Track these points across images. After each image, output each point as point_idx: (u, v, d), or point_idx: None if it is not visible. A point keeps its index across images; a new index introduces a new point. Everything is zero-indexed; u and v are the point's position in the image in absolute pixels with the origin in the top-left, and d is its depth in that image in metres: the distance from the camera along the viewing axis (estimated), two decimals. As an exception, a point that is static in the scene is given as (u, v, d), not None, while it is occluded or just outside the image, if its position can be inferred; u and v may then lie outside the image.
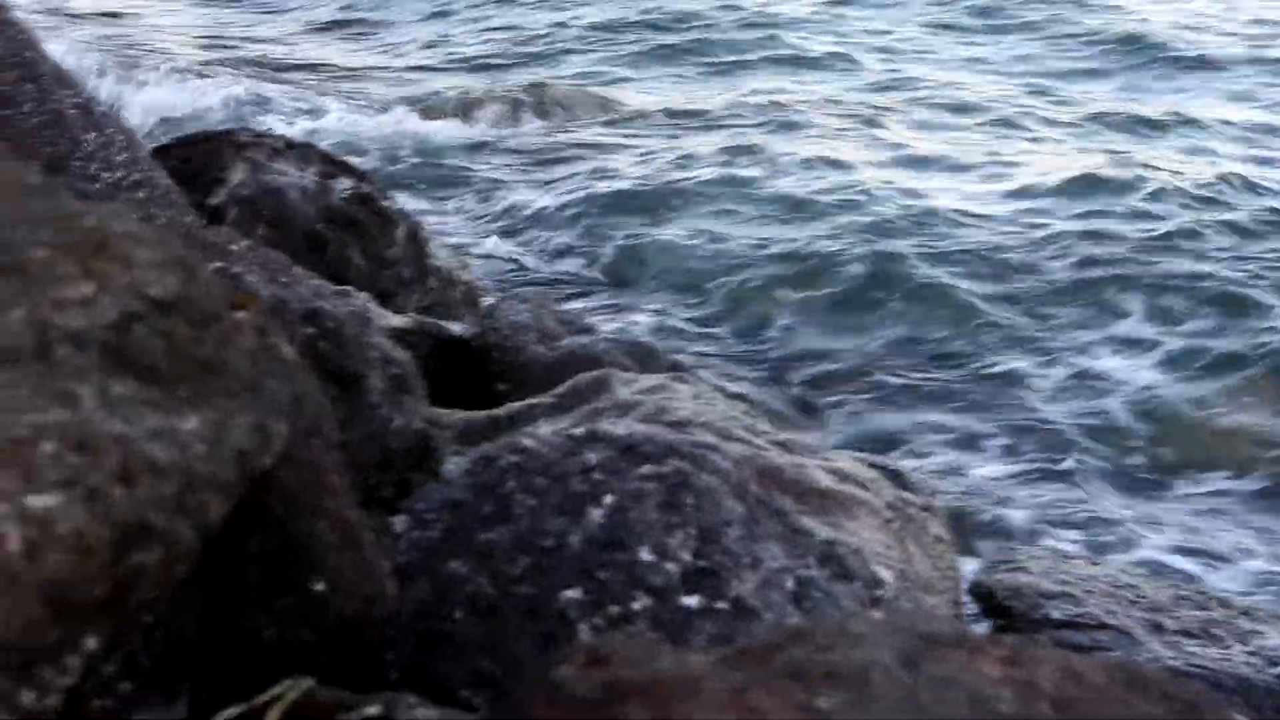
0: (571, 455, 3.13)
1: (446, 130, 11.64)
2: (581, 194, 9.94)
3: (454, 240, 8.97)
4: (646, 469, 3.10)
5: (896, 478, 5.14)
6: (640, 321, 7.54)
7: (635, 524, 2.97)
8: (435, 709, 2.43)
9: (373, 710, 2.37)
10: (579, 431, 3.25)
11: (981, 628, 4.66)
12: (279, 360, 2.09)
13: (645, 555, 2.92)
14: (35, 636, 1.66)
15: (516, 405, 4.46)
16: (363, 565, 2.35)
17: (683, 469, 3.14)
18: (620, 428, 3.56)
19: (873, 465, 4.93)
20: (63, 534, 1.63)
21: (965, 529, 5.72)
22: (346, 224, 5.98)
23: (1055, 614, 4.70)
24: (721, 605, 2.91)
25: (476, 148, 11.27)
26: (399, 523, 3.03)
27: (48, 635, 1.67)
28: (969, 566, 5.21)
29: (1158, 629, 4.64)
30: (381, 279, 5.95)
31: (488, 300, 6.39)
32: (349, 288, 5.19)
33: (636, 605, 2.86)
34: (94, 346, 1.82)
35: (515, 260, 8.91)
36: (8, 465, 1.65)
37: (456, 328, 5.46)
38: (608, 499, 3.01)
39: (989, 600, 4.95)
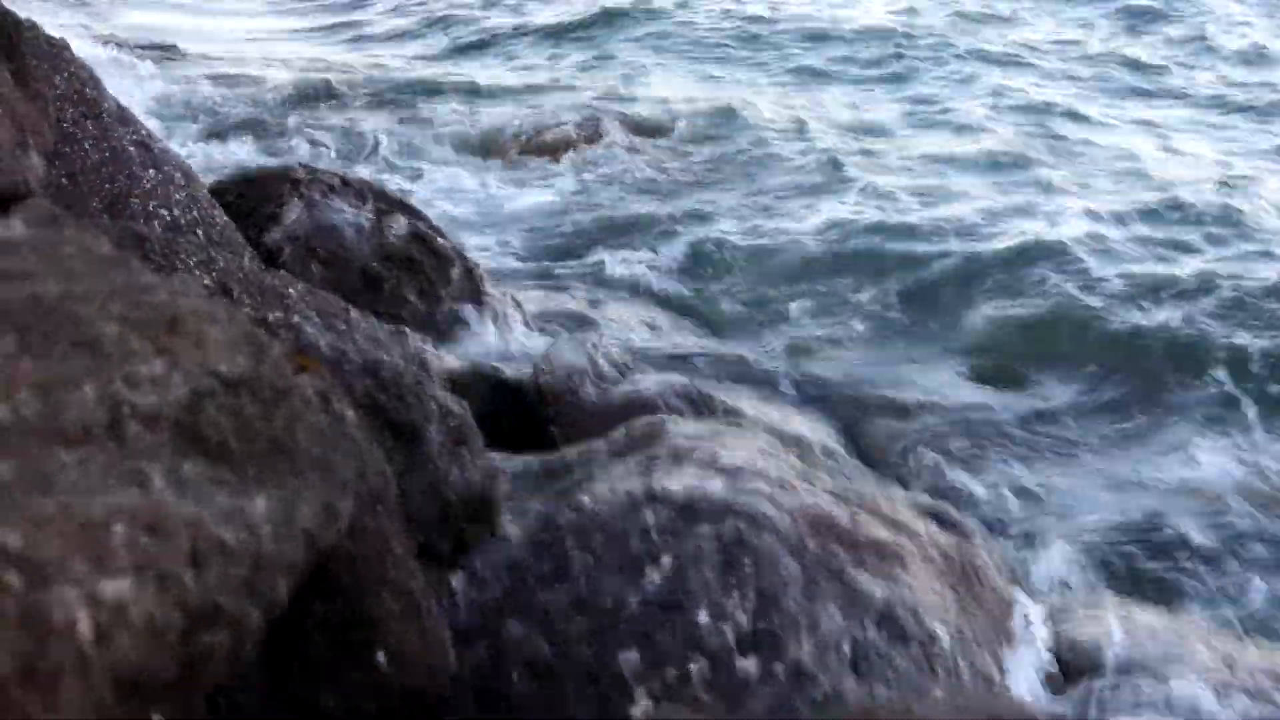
0: (630, 515, 3.13)
1: None
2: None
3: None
4: (704, 529, 3.09)
5: (954, 524, 5.13)
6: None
7: (693, 585, 2.96)
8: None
9: (431, 777, 2.37)
10: (637, 490, 3.25)
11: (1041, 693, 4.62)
12: (345, 434, 2.09)
13: (703, 617, 2.92)
14: (103, 716, 1.66)
15: (571, 451, 4.46)
16: (425, 637, 2.35)
17: (740, 529, 3.13)
18: (677, 484, 3.56)
19: (930, 512, 4.91)
20: (134, 619, 1.64)
21: (1026, 573, 5.68)
22: (402, 262, 6.00)
23: (1118, 669, 4.67)
24: (779, 669, 2.90)
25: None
26: (457, 581, 3.03)
27: (115, 715, 1.68)
28: (1029, 614, 5.18)
29: (1225, 687, 4.61)
30: (437, 318, 5.97)
31: (544, 340, 6.40)
32: (404, 328, 5.21)
33: (694, 668, 2.85)
34: (165, 425, 1.83)
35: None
36: (80, 548, 1.65)
37: (511, 371, 5.47)
38: (665, 560, 3.00)
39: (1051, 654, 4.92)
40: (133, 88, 12.71)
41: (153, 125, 10.78)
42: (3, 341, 1.87)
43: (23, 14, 4.91)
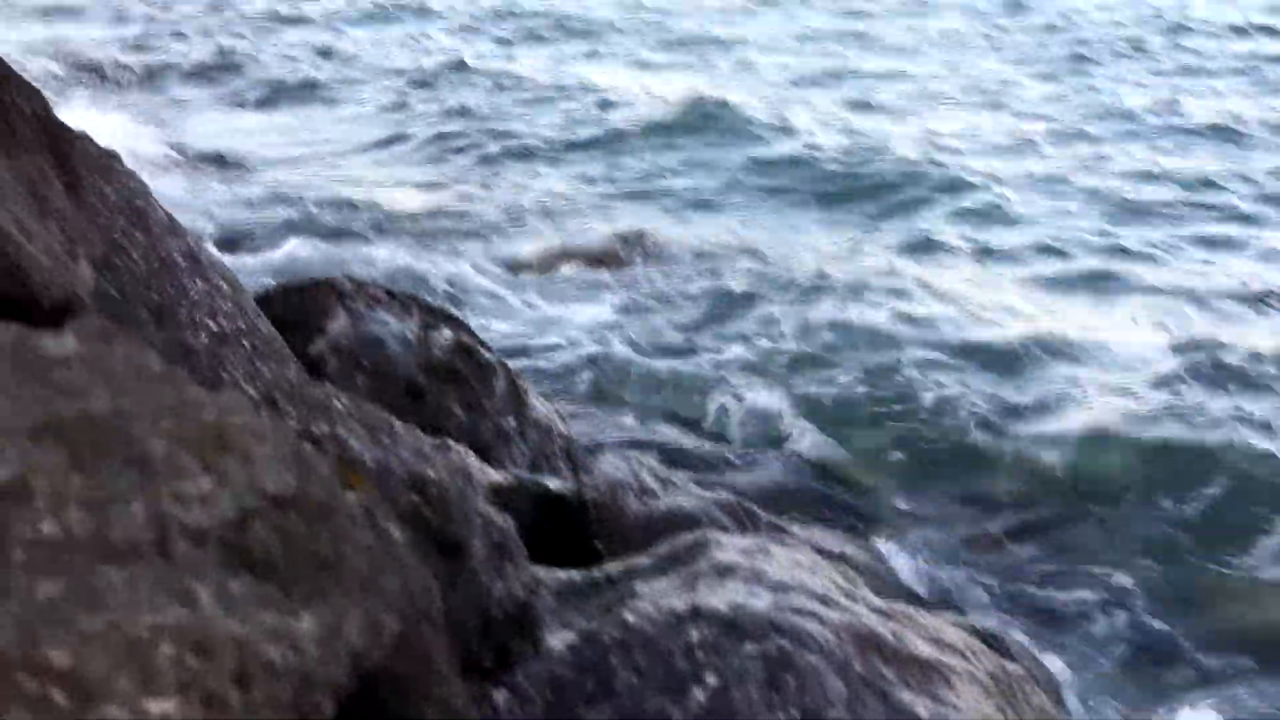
0: (674, 632, 3.11)
1: None
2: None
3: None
4: (749, 648, 3.08)
5: (997, 643, 5.09)
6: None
7: (738, 705, 2.95)
8: None
9: None
10: (681, 606, 3.24)
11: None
12: (391, 551, 2.09)
13: (748, 737, 2.90)
14: (146, 837, 1.66)
15: (615, 566, 4.44)
16: (469, 756, 2.34)
17: (785, 647, 3.11)
18: (721, 600, 3.55)
19: (973, 630, 4.88)
20: (179, 739, 1.63)
21: (1072, 694, 5.64)
22: (446, 375, 6.01)
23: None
24: (824, 789, 2.88)
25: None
26: (500, 697, 3.02)
27: (158, 836, 1.67)
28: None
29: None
30: (481, 430, 5.97)
31: (588, 452, 6.40)
32: (448, 440, 5.21)
33: (738, 789, 2.83)
34: (213, 542, 1.83)
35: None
36: (127, 667, 1.65)
37: (555, 484, 5.46)
38: (710, 678, 2.99)
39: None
40: (189, 199, 12.88)
41: (206, 231, 10.90)
42: (53, 457, 1.89)
43: (100, 123, 4.98)
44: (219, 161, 15.45)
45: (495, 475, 5.26)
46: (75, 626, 1.67)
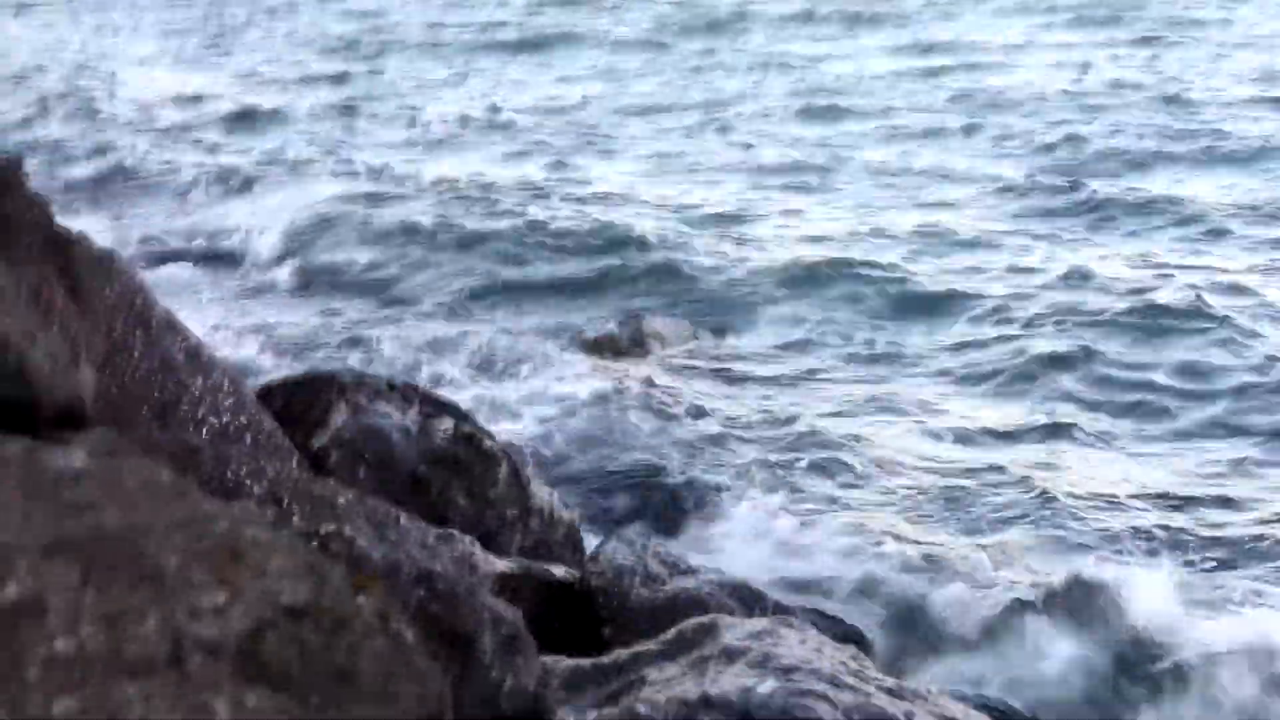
0: (686, 721, 3.12)
1: None
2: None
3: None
4: (761, 737, 3.08)
5: (1006, 718, 5.10)
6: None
7: (752, 794, 2.95)
8: None
9: None
10: (691, 695, 3.25)
11: None
12: (405, 657, 2.10)
13: (762, 827, 2.90)
14: None
15: (623, 653, 4.45)
16: None
17: (798, 735, 3.12)
18: (731, 685, 3.55)
19: (981, 705, 4.88)
20: None
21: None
22: (449, 464, 6.02)
23: None
24: None
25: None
26: (514, 794, 3.02)
27: None
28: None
29: None
30: (485, 518, 5.98)
31: (592, 538, 6.40)
32: (453, 530, 5.22)
33: None
34: (228, 656, 1.84)
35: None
36: (144, 785, 1.66)
37: (560, 571, 5.47)
38: (723, 769, 2.99)
39: None
40: (185, 291, 12.96)
41: (204, 324, 10.93)
42: (67, 573, 1.90)
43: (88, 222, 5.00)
44: (214, 251, 15.57)
45: (500, 564, 5.27)
46: (93, 746, 1.68)
